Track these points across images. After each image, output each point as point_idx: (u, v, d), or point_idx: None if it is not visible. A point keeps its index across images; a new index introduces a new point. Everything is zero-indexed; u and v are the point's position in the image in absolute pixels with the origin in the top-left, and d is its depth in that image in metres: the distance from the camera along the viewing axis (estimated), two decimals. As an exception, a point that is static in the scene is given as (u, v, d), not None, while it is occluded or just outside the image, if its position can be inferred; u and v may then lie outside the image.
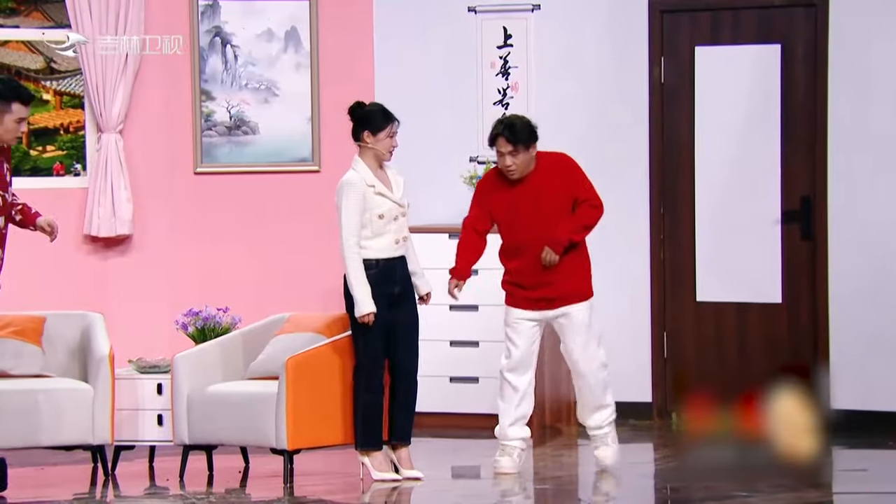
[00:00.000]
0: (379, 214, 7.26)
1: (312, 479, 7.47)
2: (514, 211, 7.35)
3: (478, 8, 9.31)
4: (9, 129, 6.98)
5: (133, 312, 8.49)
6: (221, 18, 9.28)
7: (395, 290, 7.34)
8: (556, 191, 7.36)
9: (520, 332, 7.44)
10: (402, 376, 7.35)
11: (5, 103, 6.94)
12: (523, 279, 7.41)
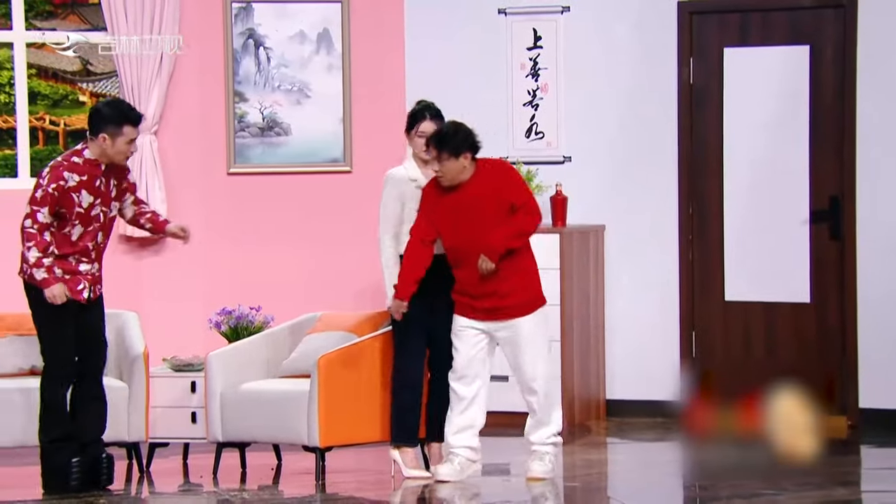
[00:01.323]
0: (416, 209, 7.26)
1: (344, 476, 7.45)
2: (453, 219, 7.11)
3: (508, 10, 9.28)
4: (120, 150, 7.07)
5: (167, 311, 8.49)
6: (255, 21, 9.28)
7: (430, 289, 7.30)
8: (492, 198, 7.07)
9: (463, 340, 7.18)
10: (441, 373, 7.32)
11: (116, 126, 7.04)
12: (468, 288, 7.15)
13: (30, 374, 7.80)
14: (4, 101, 9.14)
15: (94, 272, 7.18)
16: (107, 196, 7.16)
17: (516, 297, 7.11)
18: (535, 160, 9.21)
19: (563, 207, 9.04)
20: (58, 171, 7.03)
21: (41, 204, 7.00)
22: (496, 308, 7.11)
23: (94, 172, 7.08)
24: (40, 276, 6.96)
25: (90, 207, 7.08)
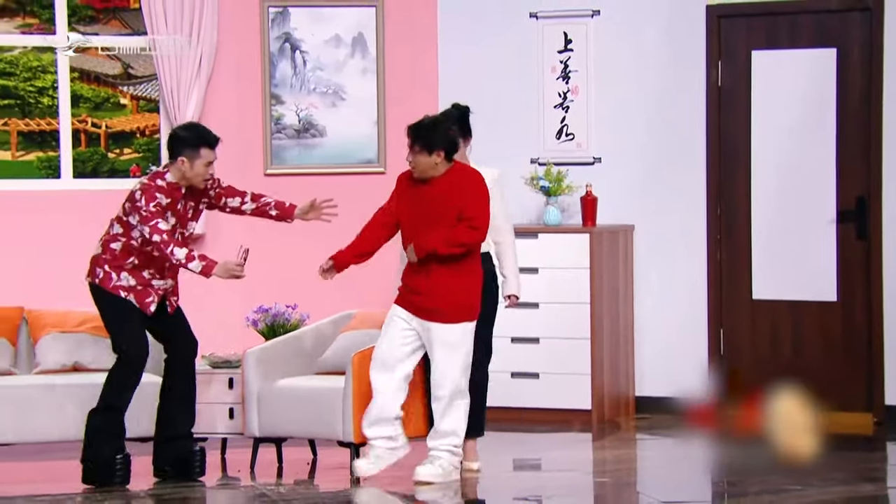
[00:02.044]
0: None
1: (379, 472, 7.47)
2: (413, 210, 7.08)
3: (539, 14, 9.29)
4: (198, 172, 7.12)
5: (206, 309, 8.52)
6: (291, 25, 9.32)
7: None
8: (449, 202, 7.01)
9: (391, 330, 7.11)
10: (473, 371, 7.34)
11: (193, 149, 7.09)
12: (411, 282, 7.11)
13: (72, 370, 7.86)
14: (48, 104, 9.21)
15: (167, 287, 7.23)
16: (184, 218, 7.22)
17: (440, 303, 7.01)
18: (566, 161, 9.22)
19: (593, 208, 9.04)
20: (150, 191, 7.06)
21: (152, 219, 7.01)
22: (429, 308, 7.04)
23: (175, 196, 7.15)
24: (198, 267, 7.00)
25: (172, 229, 7.13)
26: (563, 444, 8.45)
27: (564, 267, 8.88)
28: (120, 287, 7.14)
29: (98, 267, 7.20)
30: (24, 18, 9.18)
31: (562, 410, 8.82)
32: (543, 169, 9.10)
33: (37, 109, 9.21)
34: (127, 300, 7.13)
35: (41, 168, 9.23)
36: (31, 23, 9.17)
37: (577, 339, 8.83)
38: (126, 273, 7.14)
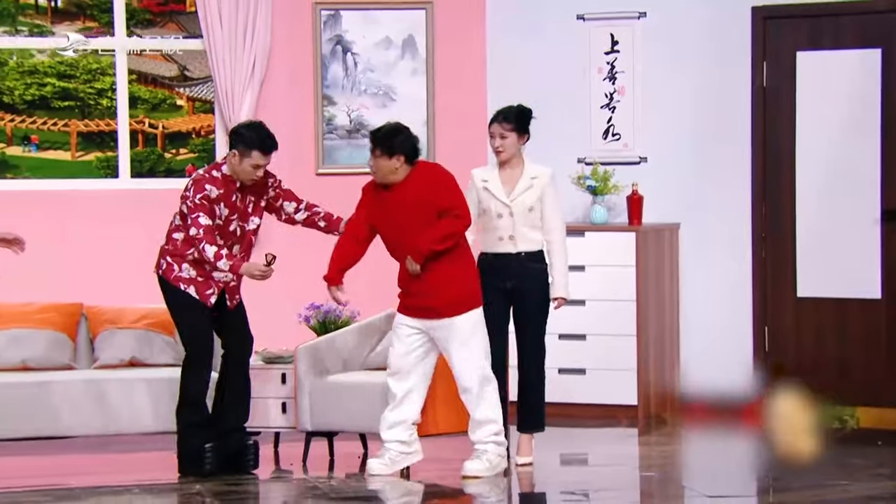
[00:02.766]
0: (483, 209, 7.31)
1: (427, 465, 7.48)
2: (387, 218, 7.05)
3: (586, 16, 9.27)
4: (245, 170, 7.15)
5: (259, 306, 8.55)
6: (342, 28, 9.35)
7: (508, 286, 7.33)
8: (422, 201, 6.97)
9: (399, 337, 7.10)
10: (527, 368, 7.35)
11: (247, 148, 7.11)
12: (403, 286, 7.10)
13: (129, 365, 7.91)
14: (107, 105, 9.27)
15: (227, 280, 7.26)
16: (243, 211, 7.24)
17: (445, 297, 6.99)
18: (612, 161, 9.20)
19: (639, 207, 9.02)
20: (200, 183, 7.11)
21: (194, 212, 7.07)
22: (427, 307, 7.02)
23: (229, 187, 7.18)
24: (226, 266, 7.05)
25: (227, 222, 7.17)
26: (609, 439, 8.43)
27: (611, 265, 8.87)
28: (181, 279, 7.18)
29: (162, 258, 7.24)
30: (84, 22, 9.25)
31: (608, 406, 8.81)
32: (590, 168, 9.09)
33: (96, 111, 9.28)
34: (186, 292, 7.18)
35: (100, 168, 9.29)
36: (91, 26, 9.24)
37: (623, 336, 8.81)
38: (187, 264, 7.17)
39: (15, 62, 9.18)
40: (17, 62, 9.18)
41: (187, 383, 7.22)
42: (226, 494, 7.00)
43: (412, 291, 7.04)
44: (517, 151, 7.34)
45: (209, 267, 7.12)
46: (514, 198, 7.31)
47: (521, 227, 7.31)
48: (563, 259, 7.33)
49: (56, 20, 9.22)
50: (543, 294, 7.31)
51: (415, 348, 7.09)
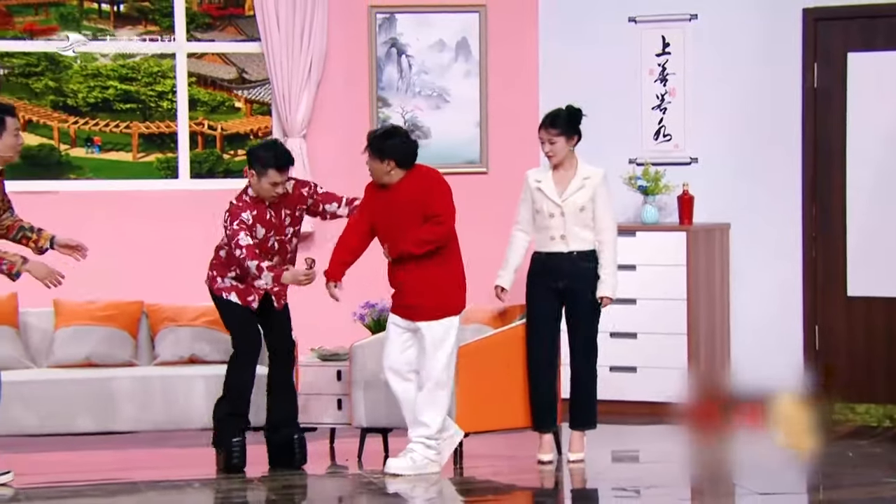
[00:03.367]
0: (536, 209, 7.33)
1: (481, 461, 7.49)
2: (382, 216, 7.12)
3: (638, 18, 9.24)
4: (265, 188, 7.21)
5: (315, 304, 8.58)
6: (397, 30, 9.36)
7: (560, 285, 7.34)
8: (412, 204, 7.03)
9: (390, 337, 7.19)
10: (578, 366, 7.36)
11: (262, 168, 7.17)
12: (391, 280, 7.18)
13: (189, 362, 7.95)
14: (167, 107, 9.33)
15: (271, 287, 7.31)
16: (280, 227, 7.31)
17: (422, 301, 7.05)
18: (663, 161, 9.17)
19: (690, 207, 8.99)
20: (236, 213, 7.21)
21: (235, 236, 7.14)
22: (408, 305, 7.10)
23: (260, 207, 7.25)
24: (268, 279, 7.12)
25: (265, 239, 7.25)
26: (660, 436, 8.40)
27: (662, 264, 8.84)
28: (223, 289, 7.32)
29: (209, 269, 7.38)
30: (145, 26, 9.30)
31: (659, 403, 8.78)
32: (641, 169, 9.07)
33: (157, 113, 9.33)
34: (229, 300, 7.25)
35: (160, 169, 9.35)
36: (153, 30, 9.30)
37: (674, 335, 8.78)
38: (229, 278, 7.29)
39: (79, 65, 9.26)
40: (80, 65, 9.25)
41: (229, 378, 7.32)
42: (283, 489, 7.03)
43: (401, 288, 7.13)
44: (568, 154, 7.34)
45: (261, 284, 7.20)
46: (566, 198, 7.31)
47: (572, 227, 7.31)
48: (613, 259, 7.32)
49: (118, 24, 9.29)
50: (592, 293, 7.31)
51: (407, 347, 7.16)
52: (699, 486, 7.15)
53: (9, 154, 6.82)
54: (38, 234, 7.00)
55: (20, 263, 6.75)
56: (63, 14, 9.20)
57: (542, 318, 7.32)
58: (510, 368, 7.44)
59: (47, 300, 7.95)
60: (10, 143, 6.80)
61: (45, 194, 8.78)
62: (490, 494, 7.03)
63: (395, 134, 7.07)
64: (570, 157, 7.38)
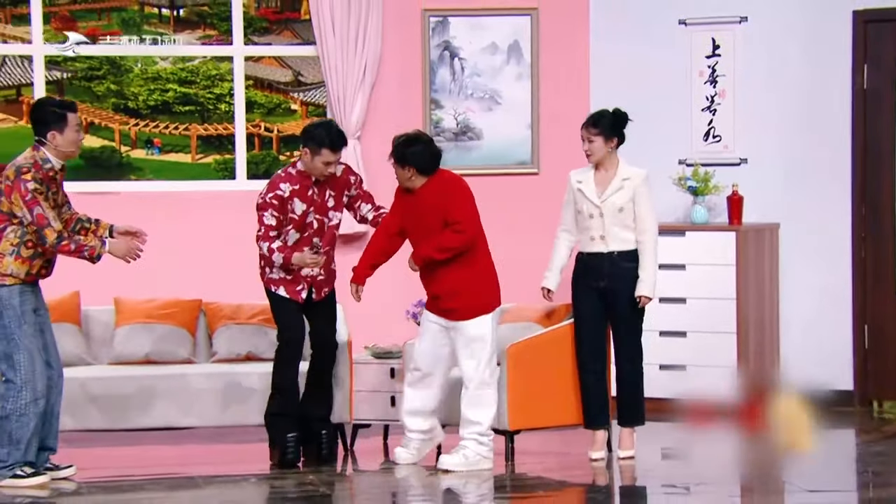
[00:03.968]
0: (577, 210, 7.35)
1: (532, 458, 7.48)
2: (408, 220, 7.18)
3: (688, 21, 9.20)
4: (317, 167, 7.26)
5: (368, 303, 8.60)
6: (450, 34, 9.37)
7: (601, 285, 7.33)
8: (433, 210, 7.09)
9: (424, 334, 7.23)
10: (622, 364, 7.34)
11: (317, 146, 7.22)
12: (426, 287, 7.23)
13: (246, 359, 7.99)
14: (225, 109, 9.37)
15: (315, 275, 7.35)
16: (321, 205, 7.33)
17: (456, 303, 7.11)
18: (713, 162, 9.12)
19: (739, 207, 8.94)
20: (275, 182, 7.26)
21: (263, 209, 7.21)
22: (444, 309, 7.15)
23: (305, 183, 7.27)
24: (279, 259, 7.16)
25: (304, 215, 7.26)
26: (710, 433, 8.35)
27: (711, 264, 8.79)
28: (271, 280, 7.33)
29: (259, 260, 7.36)
30: (204, 30, 9.36)
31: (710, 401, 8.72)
32: (691, 169, 9.03)
33: (215, 115, 9.38)
34: (277, 293, 7.27)
35: (218, 170, 9.40)
36: (211, 34, 9.35)
37: (723, 333, 8.73)
38: (275, 269, 7.29)
39: (139, 69, 9.32)
40: (141, 69, 9.32)
41: (276, 374, 7.35)
42: (336, 484, 7.06)
43: (437, 294, 7.18)
44: (607, 154, 7.34)
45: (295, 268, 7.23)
46: (605, 199, 7.32)
47: (611, 227, 7.31)
48: (652, 259, 7.31)
49: (178, 29, 9.35)
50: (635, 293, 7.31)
51: (440, 345, 7.20)
52: (749, 483, 7.10)
53: (70, 149, 6.88)
54: (96, 225, 7.08)
55: (100, 247, 6.84)
56: (124, 19, 9.27)
57: (587, 318, 7.33)
58: (560, 366, 7.43)
59: (108, 298, 8.01)
60: (71, 138, 6.86)
61: (107, 195, 8.84)
62: (541, 490, 7.02)
63: (417, 141, 7.12)
64: (612, 158, 7.37)
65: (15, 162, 6.81)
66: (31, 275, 6.82)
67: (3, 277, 6.77)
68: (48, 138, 6.81)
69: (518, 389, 7.34)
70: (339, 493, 6.97)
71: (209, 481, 7.08)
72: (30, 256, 6.80)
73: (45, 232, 6.71)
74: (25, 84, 9.13)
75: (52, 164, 6.82)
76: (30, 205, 6.70)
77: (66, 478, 7.04)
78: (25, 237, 6.78)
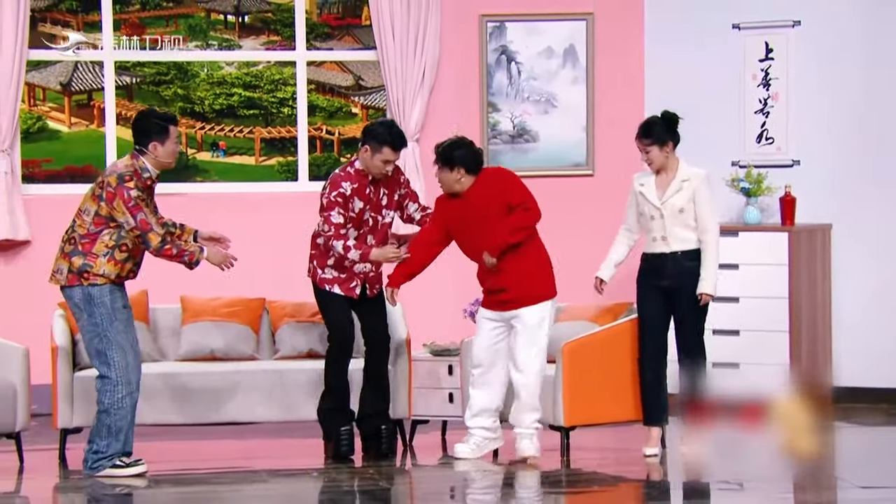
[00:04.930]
0: (640, 212, 7.36)
1: (587, 454, 7.46)
2: (460, 224, 7.18)
3: (741, 25, 9.15)
4: (376, 165, 7.29)
5: (427, 302, 8.61)
6: (507, 38, 9.36)
7: (664, 284, 7.31)
8: (491, 202, 7.12)
9: (481, 330, 7.24)
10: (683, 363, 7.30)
11: (378, 144, 7.27)
12: (484, 283, 7.23)
13: (307, 356, 8.01)
14: (288, 113, 9.42)
15: (368, 272, 7.38)
16: (377, 203, 7.35)
17: (518, 291, 7.13)
18: (766, 164, 9.07)
19: (792, 208, 8.87)
20: (337, 181, 7.29)
21: (329, 209, 7.24)
22: (504, 301, 7.16)
23: (362, 181, 7.29)
24: (356, 256, 7.20)
25: (361, 213, 7.29)
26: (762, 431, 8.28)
27: (764, 264, 8.74)
28: (325, 280, 7.36)
29: (309, 262, 7.42)
30: (268, 36, 9.41)
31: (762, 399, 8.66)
32: (744, 171, 8.98)
33: (278, 118, 9.43)
34: (332, 292, 7.29)
35: (281, 172, 9.44)
36: (274, 40, 9.39)
37: (776, 332, 8.67)
38: (329, 267, 7.31)
39: (205, 74, 9.38)
40: (207, 74, 9.38)
41: (328, 372, 7.36)
42: (395, 478, 7.07)
43: (498, 287, 7.18)
44: (666, 159, 7.32)
45: (348, 262, 7.23)
46: (665, 200, 7.30)
47: (672, 228, 7.29)
48: (714, 258, 7.28)
49: (243, 34, 9.40)
50: None
51: (497, 340, 7.22)
52: (801, 480, 7.04)
53: (168, 161, 7.01)
54: (181, 230, 7.19)
55: (199, 252, 6.96)
56: (191, 25, 9.34)
57: (650, 317, 7.32)
58: (615, 363, 7.41)
59: (175, 297, 8.07)
60: (170, 149, 6.99)
61: (174, 196, 8.90)
62: (595, 486, 7.00)
63: (460, 144, 7.19)
64: (671, 161, 7.36)
65: (116, 169, 6.93)
66: (121, 276, 6.96)
67: (96, 277, 6.89)
68: (149, 148, 6.94)
69: (574, 386, 7.32)
70: (400, 488, 6.98)
71: (273, 475, 7.11)
72: (122, 259, 6.93)
73: (149, 236, 6.84)
74: (96, 89, 9.21)
75: (150, 173, 6.96)
76: (133, 211, 6.82)
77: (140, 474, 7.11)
78: (120, 241, 6.92)
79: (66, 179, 9.17)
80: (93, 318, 6.87)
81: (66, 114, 9.24)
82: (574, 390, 7.32)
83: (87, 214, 6.90)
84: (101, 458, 6.94)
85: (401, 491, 6.97)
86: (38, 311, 8.18)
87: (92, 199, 6.91)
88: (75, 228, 6.93)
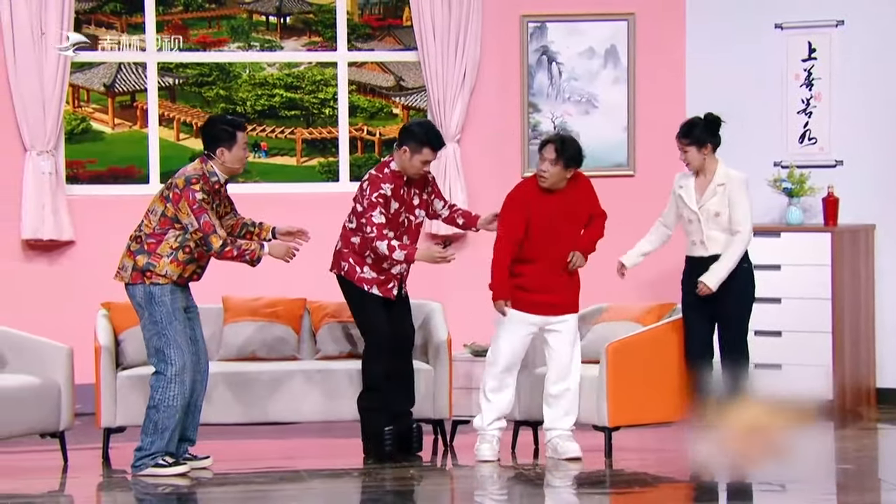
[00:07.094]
0: (679, 214, 7.35)
1: (630, 454, 7.40)
2: (548, 219, 7.10)
3: (784, 24, 9.06)
4: (414, 165, 7.27)
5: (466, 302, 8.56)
6: (548, 39, 9.30)
7: (705, 286, 7.28)
8: (582, 206, 7.18)
9: (512, 332, 7.17)
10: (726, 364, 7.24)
11: (418, 145, 7.22)
12: (531, 284, 7.13)
13: (348, 356, 7.98)
14: (329, 114, 9.39)
15: (402, 272, 7.35)
16: (409, 204, 7.32)
17: (569, 296, 7.16)
18: (808, 164, 8.98)
19: (835, 208, 8.77)
20: (377, 182, 7.24)
21: (371, 209, 7.19)
22: (553, 304, 7.12)
23: (398, 182, 7.26)
24: (401, 256, 7.16)
25: (396, 214, 7.25)
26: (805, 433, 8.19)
27: (806, 264, 8.64)
28: (364, 279, 7.30)
29: (343, 260, 7.37)
30: (309, 37, 9.39)
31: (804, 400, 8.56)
32: (786, 171, 8.89)
33: (319, 119, 9.41)
34: (370, 293, 7.25)
35: (322, 172, 9.42)
36: (316, 41, 9.38)
37: (818, 333, 8.57)
38: (367, 266, 7.26)
39: (247, 75, 9.37)
40: (249, 75, 9.37)
41: (367, 370, 7.31)
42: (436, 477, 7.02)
43: (539, 288, 7.12)
44: (704, 161, 7.26)
45: (387, 264, 7.18)
46: (702, 204, 7.27)
47: (710, 232, 7.27)
48: (731, 257, 7.25)
49: (285, 36, 9.39)
50: (741, 293, 7.19)
51: (526, 344, 7.25)
52: (844, 481, 6.94)
53: (236, 166, 7.05)
54: (259, 228, 7.25)
55: (259, 249, 6.99)
56: (234, 27, 9.33)
57: (694, 319, 7.31)
58: (659, 364, 7.34)
59: (217, 297, 8.05)
60: (238, 155, 7.01)
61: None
62: (637, 486, 6.93)
63: (575, 142, 7.19)
64: (710, 163, 7.30)
65: (185, 172, 6.98)
66: (183, 277, 6.99)
67: (158, 277, 6.93)
68: (217, 154, 6.97)
69: (617, 387, 7.25)
70: (440, 487, 6.92)
71: (313, 474, 7.08)
72: (185, 261, 6.96)
73: (212, 238, 6.88)
74: (139, 90, 9.22)
75: (217, 177, 7.00)
76: (197, 213, 6.86)
77: (205, 468, 7.10)
78: (185, 243, 6.94)
79: (110, 180, 9.19)
80: (153, 317, 6.91)
81: (109, 115, 9.25)
82: (618, 391, 7.25)
83: (154, 215, 6.96)
84: (145, 455, 6.94)
85: (441, 490, 6.92)
86: (81, 311, 8.18)
87: (160, 200, 6.97)
88: (142, 228, 7.00)
